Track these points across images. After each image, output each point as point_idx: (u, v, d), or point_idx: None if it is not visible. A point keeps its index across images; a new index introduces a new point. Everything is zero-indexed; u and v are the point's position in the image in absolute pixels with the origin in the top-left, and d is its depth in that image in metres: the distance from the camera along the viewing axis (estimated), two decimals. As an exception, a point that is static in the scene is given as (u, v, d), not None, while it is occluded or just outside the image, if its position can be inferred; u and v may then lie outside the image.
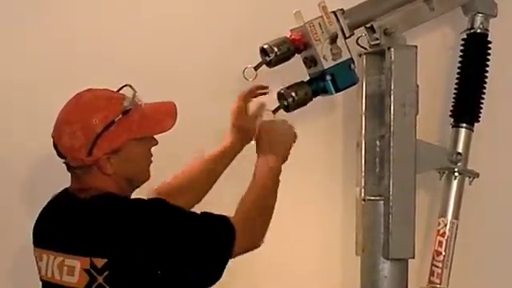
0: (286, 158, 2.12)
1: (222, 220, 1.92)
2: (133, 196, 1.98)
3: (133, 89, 1.95)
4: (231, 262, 2.03)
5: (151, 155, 1.99)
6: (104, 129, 1.87)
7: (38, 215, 2.00)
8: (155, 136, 1.98)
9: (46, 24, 2.44)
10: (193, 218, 1.91)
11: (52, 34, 2.44)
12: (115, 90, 1.98)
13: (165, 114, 1.97)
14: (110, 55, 2.45)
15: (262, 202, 2.01)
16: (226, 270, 2.39)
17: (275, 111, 2.22)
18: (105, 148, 1.88)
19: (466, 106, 2.50)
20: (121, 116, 1.89)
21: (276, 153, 2.08)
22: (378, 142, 2.38)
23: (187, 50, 2.50)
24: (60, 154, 1.92)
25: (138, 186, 1.98)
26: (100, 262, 1.82)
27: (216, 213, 1.93)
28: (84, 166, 1.89)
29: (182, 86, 2.47)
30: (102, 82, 1.99)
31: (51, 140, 1.95)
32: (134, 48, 2.47)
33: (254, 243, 1.98)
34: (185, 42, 2.50)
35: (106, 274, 1.82)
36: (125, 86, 1.97)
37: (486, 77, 2.50)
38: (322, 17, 2.20)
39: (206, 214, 1.92)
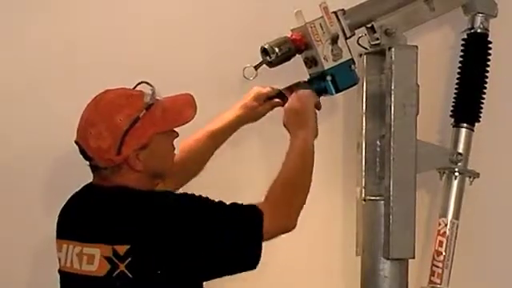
0: (316, 131, 2.11)
1: (250, 207, 1.93)
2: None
3: (150, 85, 1.97)
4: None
5: (174, 148, 2.02)
6: (130, 126, 1.89)
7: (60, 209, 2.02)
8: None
9: (46, 25, 2.44)
10: (219, 208, 1.92)
11: (52, 34, 2.44)
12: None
13: (185, 106, 2.01)
14: (111, 56, 2.45)
15: (292, 183, 2.01)
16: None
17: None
18: (133, 145, 1.90)
19: (467, 106, 2.50)
20: (144, 111, 1.92)
21: (302, 129, 2.08)
22: (378, 142, 2.38)
23: (188, 50, 2.49)
24: (87, 157, 1.93)
25: (162, 180, 2.02)
26: (122, 249, 1.83)
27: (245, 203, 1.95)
28: (113, 166, 1.91)
29: (182, 86, 2.45)
30: (103, 82, 2.00)
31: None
32: (134, 49, 2.47)
33: (287, 225, 1.99)
34: (185, 42, 2.50)
35: (128, 260, 1.83)
36: (141, 82, 2.00)
37: (487, 77, 2.50)
38: (322, 17, 2.20)
39: (233, 204, 1.94)
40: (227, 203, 1.94)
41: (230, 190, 2.13)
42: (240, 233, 1.90)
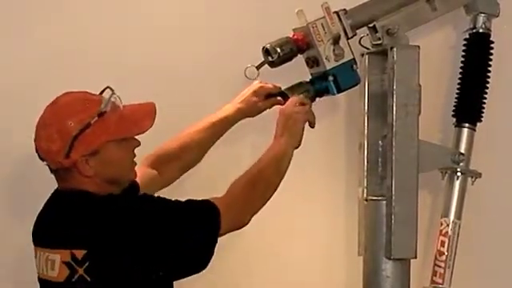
0: (298, 143, 2.11)
1: (206, 206, 1.93)
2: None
3: (112, 90, 1.94)
4: (231, 262, 2.01)
5: (134, 155, 1.98)
6: (80, 131, 1.87)
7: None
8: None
9: (47, 25, 2.44)
10: (175, 208, 1.91)
11: (52, 35, 2.44)
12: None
13: (143, 115, 1.96)
14: (112, 56, 2.45)
15: (258, 182, 2.01)
16: (226, 269, 2.40)
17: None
18: (82, 150, 1.88)
19: (469, 106, 2.50)
20: (97, 118, 1.89)
21: (285, 134, 2.08)
22: (380, 142, 2.38)
23: (188, 50, 2.49)
24: (40, 158, 1.93)
25: (123, 187, 1.97)
26: (80, 254, 1.83)
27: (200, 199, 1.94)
28: (64, 169, 1.90)
29: (184, 87, 2.47)
30: (103, 82, 1.99)
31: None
32: (134, 49, 2.47)
33: (239, 224, 1.99)
34: (187, 42, 2.50)
35: (86, 265, 1.83)
36: (106, 88, 1.96)
37: (489, 76, 2.50)
38: (324, 17, 2.19)
39: (189, 202, 1.93)
40: (183, 201, 1.93)
41: (224, 188, 2.14)
42: (197, 233, 1.89)
